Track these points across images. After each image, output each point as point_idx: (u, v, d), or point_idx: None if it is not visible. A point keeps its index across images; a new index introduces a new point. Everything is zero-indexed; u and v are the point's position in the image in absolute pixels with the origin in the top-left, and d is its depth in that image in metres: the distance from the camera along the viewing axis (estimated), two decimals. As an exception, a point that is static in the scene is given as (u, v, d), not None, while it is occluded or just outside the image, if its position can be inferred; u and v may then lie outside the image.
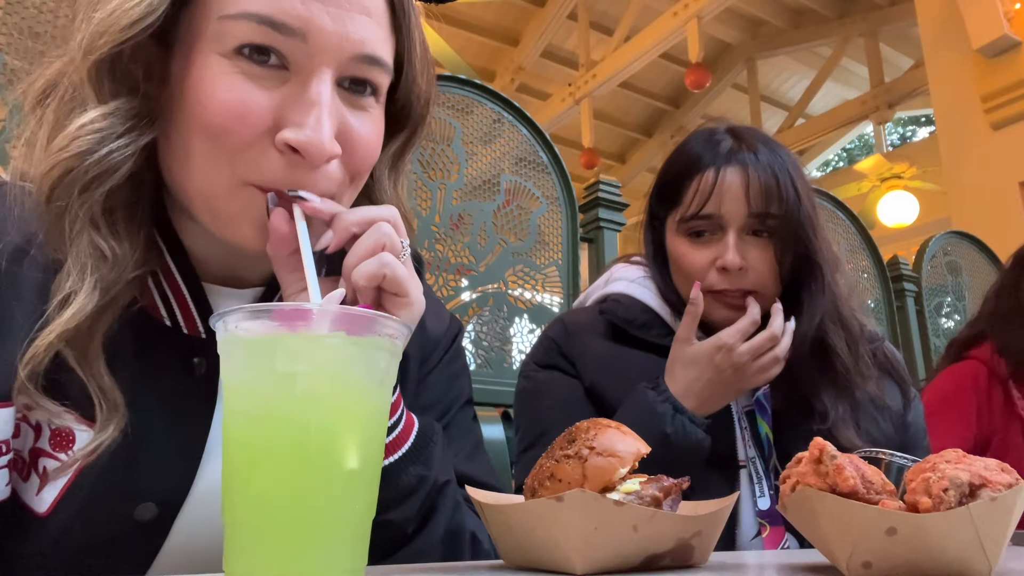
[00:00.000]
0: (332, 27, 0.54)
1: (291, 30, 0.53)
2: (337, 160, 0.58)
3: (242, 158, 0.55)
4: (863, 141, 11.90)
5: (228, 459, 0.48)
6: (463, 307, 1.62)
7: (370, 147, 0.60)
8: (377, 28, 0.58)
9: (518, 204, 1.72)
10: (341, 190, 0.60)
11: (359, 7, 0.56)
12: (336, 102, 0.57)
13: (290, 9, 0.53)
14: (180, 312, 0.62)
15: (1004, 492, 0.47)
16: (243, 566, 0.46)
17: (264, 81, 0.54)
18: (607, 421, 0.61)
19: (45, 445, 0.57)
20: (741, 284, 1.04)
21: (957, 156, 4.65)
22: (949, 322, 2.54)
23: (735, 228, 1.04)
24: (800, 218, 1.04)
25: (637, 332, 1.11)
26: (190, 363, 0.61)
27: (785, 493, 0.54)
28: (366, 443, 0.49)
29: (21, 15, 1.24)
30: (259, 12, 0.52)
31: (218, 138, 0.54)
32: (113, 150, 0.54)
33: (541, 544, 0.54)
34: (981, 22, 4.29)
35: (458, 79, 1.70)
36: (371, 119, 0.60)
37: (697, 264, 1.06)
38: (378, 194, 0.68)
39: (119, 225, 0.56)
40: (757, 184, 1.03)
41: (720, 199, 1.04)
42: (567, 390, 1.11)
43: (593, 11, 7.59)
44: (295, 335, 0.46)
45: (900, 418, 1.11)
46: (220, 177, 0.56)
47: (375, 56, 0.58)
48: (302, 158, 0.55)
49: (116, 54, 0.53)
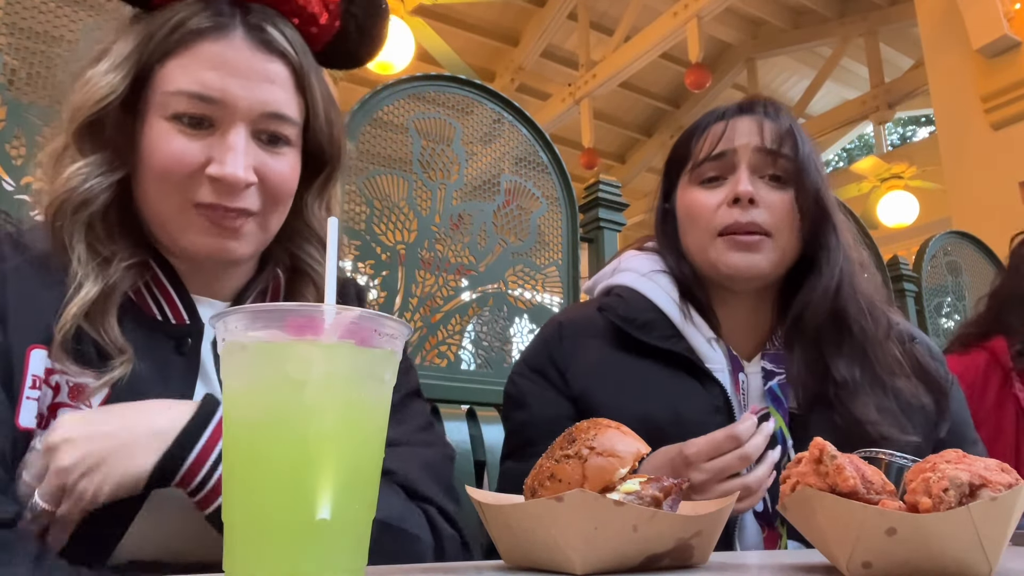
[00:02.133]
0: (243, 94, 0.74)
1: (212, 100, 0.73)
2: (255, 188, 0.77)
3: (186, 187, 0.75)
4: (863, 141, 11.91)
5: (229, 459, 0.48)
6: (463, 307, 1.62)
7: (282, 178, 0.79)
8: (280, 91, 0.77)
9: (518, 204, 1.72)
10: (264, 210, 0.79)
11: (264, 77, 0.76)
12: (252, 147, 0.76)
13: (211, 84, 0.73)
14: (168, 308, 0.80)
15: (1004, 492, 0.47)
16: (243, 566, 0.46)
17: (195, 136, 0.75)
18: (607, 421, 0.61)
19: (64, 399, 0.71)
20: (753, 219, 0.99)
21: (957, 156, 4.65)
22: (949, 322, 2.54)
23: (745, 161, 1.02)
24: (812, 171, 1.01)
25: (637, 333, 1.03)
26: (179, 342, 0.79)
27: (785, 493, 0.54)
28: (367, 445, 0.49)
29: (21, 15, 1.24)
30: (189, 89, 0.73)
31: (163, 177, 0.75)
32: (92, 186, 0.75)
33: (541, 544, 0.54)
34: (981, 22, 4.29)
35: (458, 79, 1.70)
36: (284, 159, 0.79)
37: (709, 204, 1.02)
38: (308, 216, 0.87)
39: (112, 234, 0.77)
40: (773, 125, 1.02)
41: (732, 137, 1.03)
42: (550, 407, 1.06)
43: (593, 11, 7.59)
44: (304, 342, 0.46)
45: (931, 426, 1.04)
46: (171, 203, 0.76)
47: (279, 113, 0.77)
48: (224, 185, 0.74)
49: (91, 122, 0.75)
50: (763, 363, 1.05)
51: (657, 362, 1.03)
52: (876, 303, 1.06)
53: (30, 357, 0.69)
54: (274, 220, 0.82)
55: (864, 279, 1.06)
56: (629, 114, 9.24)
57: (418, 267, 1.56)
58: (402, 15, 4.96)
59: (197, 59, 0.74)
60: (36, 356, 0.70)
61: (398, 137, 1.59)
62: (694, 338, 1.04)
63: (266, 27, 0.76)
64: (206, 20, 0.74)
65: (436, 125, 1.64)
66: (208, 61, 0.74)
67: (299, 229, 0.87)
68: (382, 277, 1.52)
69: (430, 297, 1.57)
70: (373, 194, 1.53)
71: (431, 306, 1.57)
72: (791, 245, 1.02)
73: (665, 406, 0.99)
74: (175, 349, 0.78)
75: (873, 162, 6.99)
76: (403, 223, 1.55)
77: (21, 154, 1.21)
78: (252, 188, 0.77)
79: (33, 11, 1.25)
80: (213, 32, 0.74)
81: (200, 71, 0.73)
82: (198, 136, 0.74)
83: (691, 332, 1.05)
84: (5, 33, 1.22)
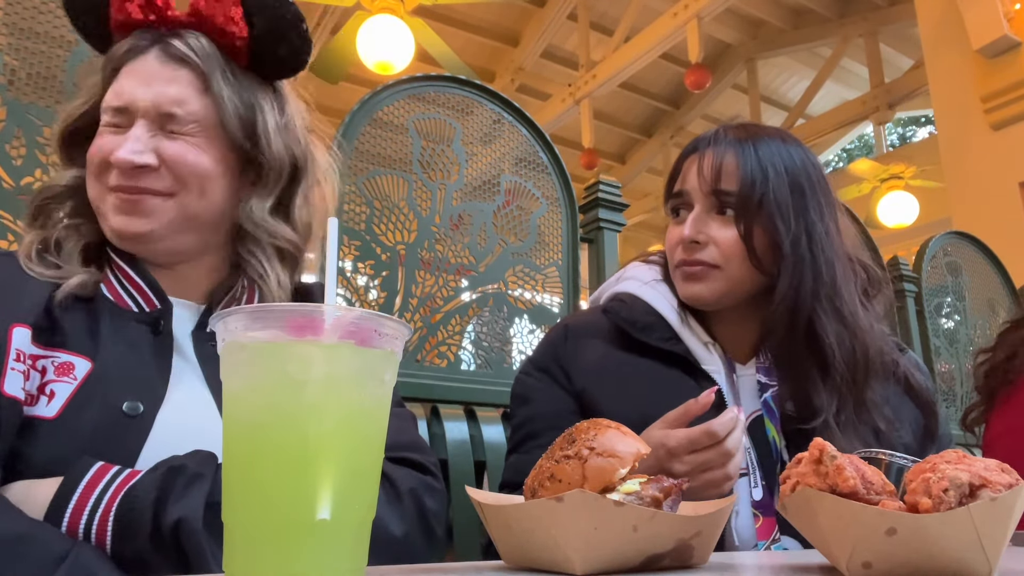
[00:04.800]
0: (143, 95, 0.88)
1: (122, 104, 0.89)
2: (163, 171, 0.88)
3: (103, 174, 0.89)
4: (863, 141, 11.91)
5: (228, 459, 0.48)
6: (463, 307, 1.62)
7: (179, 159, 0.89)
8: (178, 89, 0.89)
9: (518, 204, 1.72)
10: (176, 190, 0.89)
11: (164, 81, 0.89)
12: (150, 137, 0.88)
13: (121, 93, 0.89)
14: (142, 299, 0.90)
15: (1004, 492, 0.47)
16: (243, 566, 0.46)
17: (115, 133, 0.89)
18: (607, 421, 0.61)
19: (51, 377, 0.79)
20: (699, 256, 1.07)
21: (957, 156, 4.66)
22: (949, 322, 2.53)
23: (699, 204, 1.08)
24: (766, 199, 1.04)
25: (638, 334, 1.10)
26: (153, 326, 0.88)
27: (785, 493, 0.54)
28: (367, 445, 0.49)
29: (21, 15, 1.24)
30: (109, 104, 0.90)
31: (90, 168, 0.90)
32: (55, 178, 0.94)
33: (541, 544, 0.54)
34: (981, 22, 4.30)
35: (458, 79, 1.70)
36: (182, 143, 0.90)
37: (672, 240, 1.12)
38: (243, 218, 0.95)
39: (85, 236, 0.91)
40: (710, 162, 1.07)
41: (684, 176, 1.11)
42: (554, 402, 1.11)
43: (593, 11, 7.59)
44: (304, 342, 0.46)
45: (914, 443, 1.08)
46: (96, 190, 0.90)
47: (172, 108, 0.89)
48: (121, 169, 0.86)
49: (70, 131, 0.93)
50: (758, 376, 1.11)
51: (656, 362, 1.09)
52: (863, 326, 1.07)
53: (12, 333, 0.76)
54: (191, 201, 0.91)
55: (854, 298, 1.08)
56: (629, 114, 9.24)
57: (418, 267, 1.56)
58: (402, 15, 4.97)
59: (122, 79, 0.91)
60: (18, 333, 0.77)
61: (398, 137, 1.59)
62: (691, 341, 1.11)
63: (174, 42, 0.91)
64: (127, 47, 0.92)
65: (436, 125, 1.64)
66: (126, 76, 0.90)
67: (244, 233, 0.96)
68: (382, 277, 1.52)
69: (430, 297, 1.57)
70: (373, 194, 1.53)
71: (431, 306, 1.57)
72: (745, 274, 1.07)
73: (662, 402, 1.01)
74: (150, 331, 0.88)
75: (869, 164, 7.00)
76: (403, 223, 1.55)
77: (21, 154, 1.21)
78: (159, 171, 0.88)
79: (33, 11, 1.25)
80: (132, 54, 0.91)
81: (120, 87, 0.90)
82: (117, 134, 0.89)
83: (688, 335, 1.11)
84: (5, 33, 1.22)
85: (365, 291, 1.52)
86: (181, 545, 0.68)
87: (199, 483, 0.72)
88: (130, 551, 0.69)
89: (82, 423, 0.77)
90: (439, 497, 0.90)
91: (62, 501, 0.70)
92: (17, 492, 0.72)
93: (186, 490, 0.71)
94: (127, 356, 0.83)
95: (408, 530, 0.82)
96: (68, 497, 0.70)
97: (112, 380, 0.80)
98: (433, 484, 0.90)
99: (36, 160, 1.22)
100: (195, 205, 0.91)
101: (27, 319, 0.78)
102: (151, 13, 0.92)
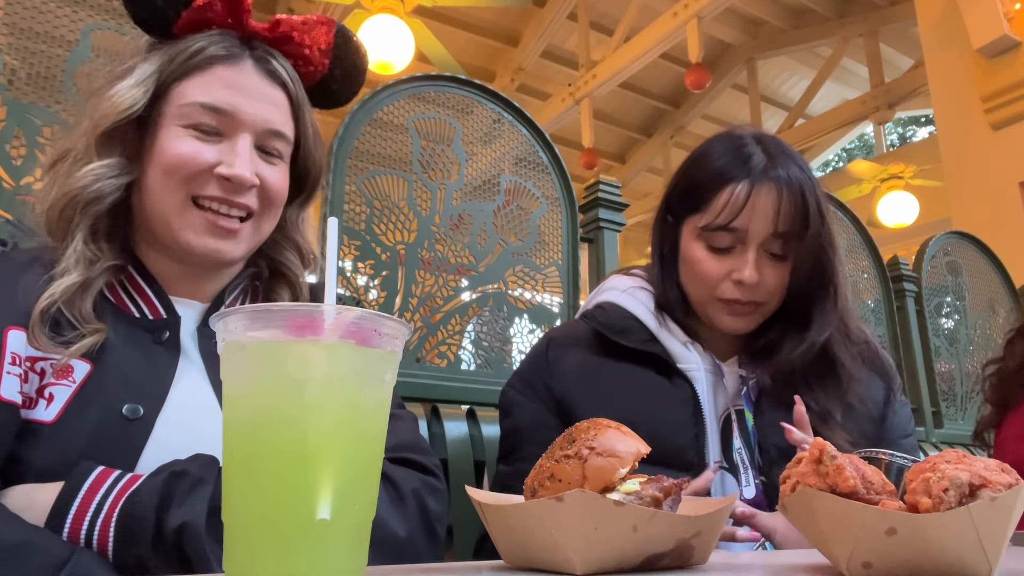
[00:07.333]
0: (249, 110, 0.87)
1: (224, 112, 0.86)
2: (255, 190, 0.89)
3: (192, 183, 0.86)
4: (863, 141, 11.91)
5: (228, 459, 0.48)
6: (463, 307, 1.62)
7: (276, 185, 0.91)
8: (279, 113, 0.91)
9: (518, 204, 1.72)
10: (261, 212, 0.91)
11: (267, 99, 0.89)
12: (254, 156, 0.89)
13: (223, 99, 0.86)
14: (145, 306, 0.88)
15: (1004, 492, 0.47)
16: (242, 566, 0.46)
17: (207, 141, 0.87)
18: (607, 421, 0.61)
19: (50, 380, 0.78)
20: (753, 297, 1.08)
21: (957, 156, 4.65)
22: (949, 322, 2.53)
23: (755, 244, 1.06)
24: (822, 241, 1.06)
25: (616, 337, 1.12)
26: (156, 334, 0.87)
27: (785, 493, 0.54)
28: (367, 445, 0.49)
29: (21, 15, 1.24)
30: (205, 102, 0.86)
31: (173, 172, 0.85)
32: (104, 185, 0.85)
33: (541, 544, 0.54)
34: (981, 22, 4.29)
35: (458, 79, 1.70)
36: (278, 170, 0.92)
37: (714, 274, 1.08)
38: (288, 228, 1.00)
39: (105, 235, 0.86)
40: (789, 206, 1.04)
41: (751, 215, 1.04)
42: (533, 416, 1.14)
43: (593, 11, 7.58)
44: (305, 342, 0.46)
45: (879, 414, 1.13)
46: (175, 199, 0.86)
47: (277, 130, 0.91)
48: (232, 184, 0.86)
49: (112, 129, 0.85)
50: (740, 371, 1.14)
51: (633, 364, 1.12)
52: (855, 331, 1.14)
53: (8, 336, 0.76)
54: (266, 224, 0.93)
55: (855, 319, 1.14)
56: (629, 114, 9.24)
57: (418, 267, 1.56)
58: (401, 15, 4.96)
59: (212, 79, 0.87)
60: (13, 336, 0.76)
61: (398, 137, 1.59)
62: (668, 341, 1.14)
63: (271, 60, 0.91)
64: (221, 49, 0.88)
65: (436, 125, 1.64)
66: (221, 81, 0.87)
67: (278, 239, 0.99)
68: (382, 277, 1.52)
69: (430, 297, 1.57)
70: (373, 194, 1.53)
71: (431, 306, 1.57)
72: (777, 305, 1.12)
73: (636, 400, 1.09)
74: (152, 340, 0.86)
75: (867, 165, 6.99)
76: (403, 223, 1.55)
77: (21, 154, 1.21)
78: (253, 190, 0.89)
79: (33, 11, 1.25)
80: (227, 59, 0.89)
81: (214, 89, 0.87)
82: (210, 142, 0.87)
83: (665, 337, 1.14)
84: (5, 33, 1.22)
85: (365, 291, 1.52)
86: (183, 550, 0.68)
87: (202, 488, 0.71)
88: (132, 556, 0.69)
89: (81, 426, 0.76)
90: (441, 498, 0.90)
91: (63, 507, 0.70)
92: (18, 498, 0.72)
93: (189, 495, 0.70)
94: (127, 358, 0.82)
95: (411, 531, 0.82)
96: (69, 503, 0.70)
97: (112, 383, 0.79)
98: (435, 485, 0.90)
99: (36, 160, 1.22)
100: (268, 227, 0.94)
101: (22, 321, 0.77)
102: (229, 16, 0.90)
